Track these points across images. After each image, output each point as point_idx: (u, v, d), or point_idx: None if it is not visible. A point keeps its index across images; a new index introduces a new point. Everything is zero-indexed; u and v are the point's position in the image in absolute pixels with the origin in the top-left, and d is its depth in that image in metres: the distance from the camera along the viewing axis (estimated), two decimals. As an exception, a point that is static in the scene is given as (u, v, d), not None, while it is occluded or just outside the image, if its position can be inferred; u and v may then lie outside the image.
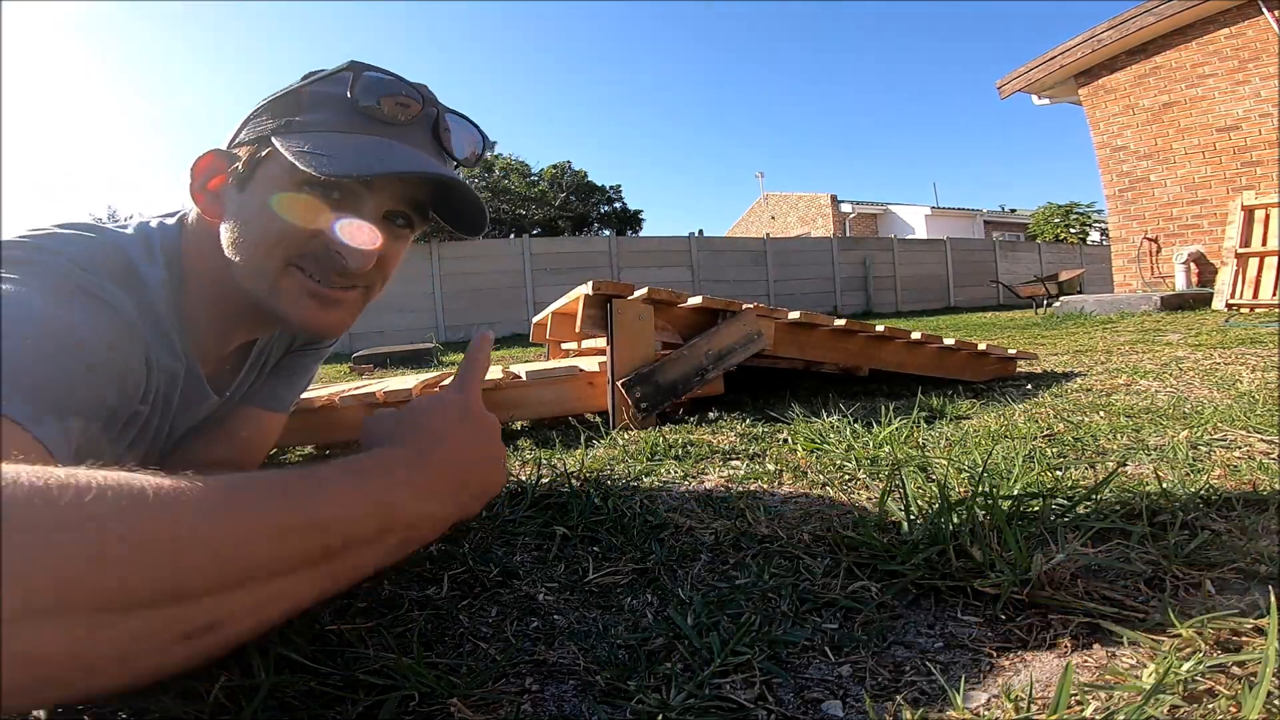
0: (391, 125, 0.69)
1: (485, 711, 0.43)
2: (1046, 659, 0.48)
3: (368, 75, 0.68)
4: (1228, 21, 6.16)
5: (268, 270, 0.69)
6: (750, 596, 0.58)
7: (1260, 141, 6.08)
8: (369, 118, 0.68)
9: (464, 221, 0.77)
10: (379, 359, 5.57)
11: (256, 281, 0.69)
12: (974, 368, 2.10)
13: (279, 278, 0.69)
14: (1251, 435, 1.08)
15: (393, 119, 0.69)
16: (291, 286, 0.69)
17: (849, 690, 0.45)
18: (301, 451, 1.64)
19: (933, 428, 1.32)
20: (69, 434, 0.50)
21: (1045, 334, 4.13)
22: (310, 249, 0.68)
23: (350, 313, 0.75)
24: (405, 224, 0.75)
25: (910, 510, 0.70)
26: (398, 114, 0.69)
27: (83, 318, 0.57)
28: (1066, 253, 17.39)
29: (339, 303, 0.72)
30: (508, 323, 11.01)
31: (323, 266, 0.69)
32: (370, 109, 0.68)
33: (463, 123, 0.76)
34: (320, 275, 0.69)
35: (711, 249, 13.33)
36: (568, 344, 2.38)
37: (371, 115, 0.68)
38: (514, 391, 1.63)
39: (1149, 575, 0.58)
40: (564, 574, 0.66)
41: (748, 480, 0.99)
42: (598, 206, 22.86)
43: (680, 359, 1.57)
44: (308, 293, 0.70)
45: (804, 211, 22.29)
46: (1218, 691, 0.40)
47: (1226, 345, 2.70)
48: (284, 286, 0.69)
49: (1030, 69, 7.77)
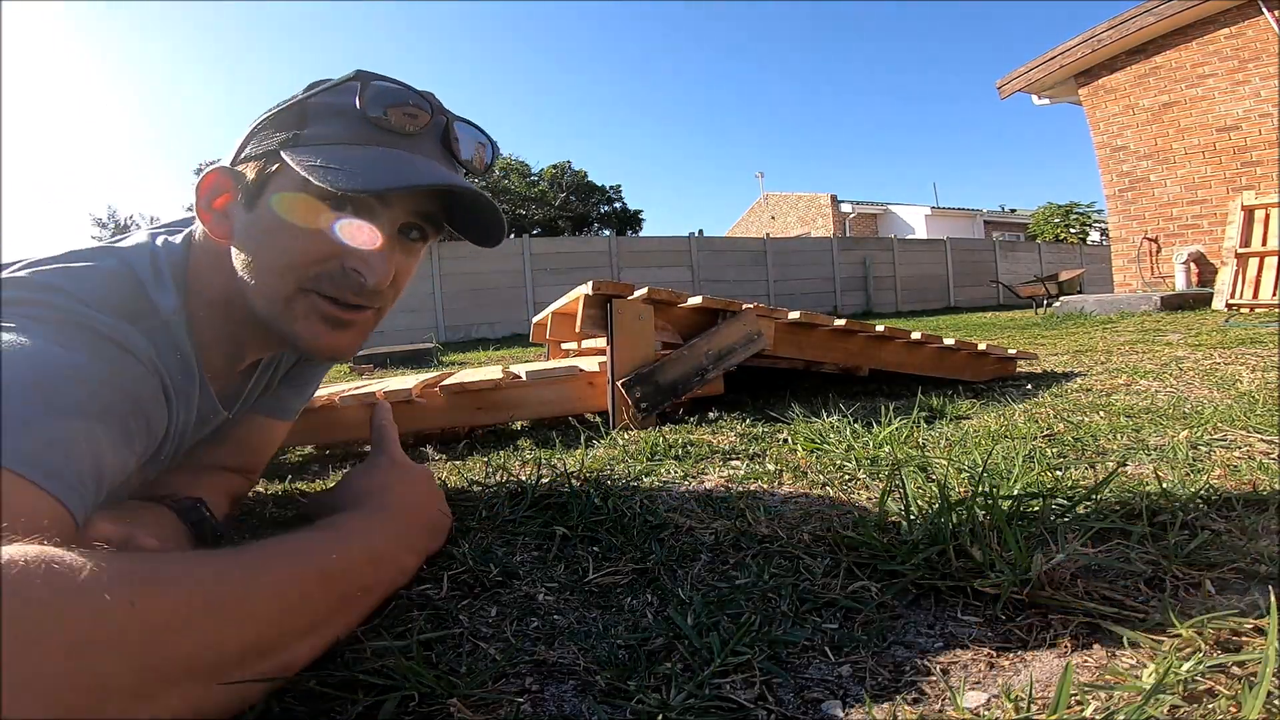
0: (402, 136, 0.67)
1: (485, 711, 0.43)
2: (1046, 659, 0.48)
3: (375, 85, 0.66)
4: (1228, 21, 6.16)
5: (281, 294, 0.67)
6: (750, 596, 0.58)
7: (1260, 141, 6.07)
8: (378, 129, 0.66)
9: (479, 231, 0.76)
10: (379, 359, 5.57)
11: (270, 305, 0.67)
12: (974, 368, 2.10)
13: (293, 301, 0.67)
14: (1251, 435, 1.08)
15: (402, 129, 0.67)
16: (305, 310, 0.68)
17: (849, 690, 0.45)
18: (302, 452, 1.64)
19: (933, 428, 1.32)
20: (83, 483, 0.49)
21: (1045, 334, 4.13)
22: (325, 269, 0.66)
23: (362, 333, 0.73)
24: (419, 237, 0.73)
25: (910, 510, 0.70)
26: (406, 124, 0.67)
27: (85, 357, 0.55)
28: (1066, 253, 17.39)
29: (351, 324, 0.71)
30: (508, 323, 11.02)
31: (339, 286, 0.67)
32: (379, 120, 0.66)
33: (471, 130, 0.75)
34: (336, 295, 0.67)
35: (711, 249, 13.32)
36: (568, 344, 2.38)
37: (381, 126, 0.66)
38: (514, 391, 1.63)
39: (1149, 575, 0.58)
40: (564, 574, 0.66)
41: (748, 480, 0.99)
42: (598, 206, 22.87)
43: (680, 359, 1.57)
44: (321, 316, 0.68)
45: (804, 211, 22.29)
46: (1218, 691, 0.40)
47: (1226, 345, 2.70)
48: (297, 311, 0.68)
49: (1030, 69, 7.77)
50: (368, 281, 0.66)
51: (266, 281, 0.67)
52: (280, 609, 0.45)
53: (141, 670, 0.35)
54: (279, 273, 0.66)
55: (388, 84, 0.67)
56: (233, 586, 0.43)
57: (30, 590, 0.33)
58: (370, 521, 0.62)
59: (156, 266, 0.68)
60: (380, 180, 0.63)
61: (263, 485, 1.20)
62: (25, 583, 0.33)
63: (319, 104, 0.67)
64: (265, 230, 0.66)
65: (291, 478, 1.27)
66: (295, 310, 0.67)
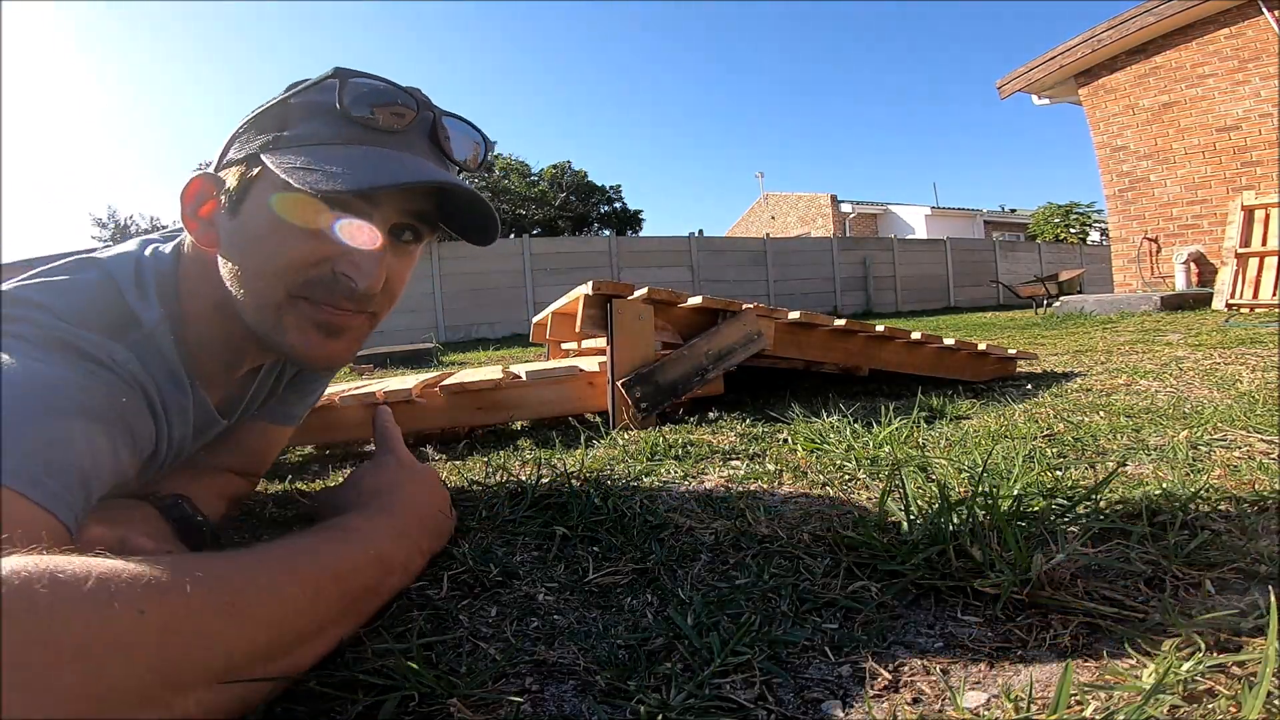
0: (387, 133, 0.65)
1: (485, 711, 0.43)
2: (1046, 659, 0.48)
3: (355, 82, 0.64)
4: (1228, 21, 6.16)
5: (270, 302, 0.64)
6: (750, 596, 0.58)
7: (1260, 141, 6.08)
8: (362, 127, 0.64)
9: (473, 229, 0.73)
10: (379, 359, 5.57)
11: (260, 314, 0.65)
12: (974, 368, 2.10)
13: (283, 311, 0.65)
14: (1251, 435, 1.08)
15: (387, 127, 0.65)
16: (296, 318, 0.65)
17: (849, 690, 0.45)
18: (302, 451, 1.64)
19: (933, 428, 1.32)
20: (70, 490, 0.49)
21: (1045, 334, 4.13)
22: (315, 275, 0.64)
23: (356, 339, 0.71)
24: (412, 238, 0.70)
25: (910, 510, 0.69)
26: (391, 121, 0.65)
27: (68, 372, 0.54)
28: (1066, 253, 17.39)
29: (344, 331, 0.68)
30: (508, 323, 11.02)
31: (330, 292, 0.65)
32: (363, 118, 0.64)
33: (461, 125, 0.72)
34: (328, 301, 0.65)
35: (711, 249, 13.32)
36: (568, 344, 2.38)
37: (364, 124, 0.64)
38: (514, 391, 1.63)
39: (1149, 575, 0.58)
40: (564, 574, 0.66)
41: (748, 480, 0.99)
42: (598, 206, 22.88)
43: (680, 359, 1.57)
44: (314, 324, 0.66)
45: (804, 211, 22.29)
46: (1218, 691, 0.40)
47: (1226, 345, 2.70)
48: (288, 320, 0.65)
49: (1030, 69, 7.77)
50: (359, 285, 0.64)
51: (255, 290, 0.64)
52: (289, 612, 0.45)
53: (150, 676, 0.35)
54: (266, 280, 0.64)
55: (369, 80, 0.65)
56: (241, 590, 0.42)
57: (35, 599, 0.33)
58: (376, 522, 0.62)
59: (141, 277, 0.67)
60: (363, 179, 0.60)
61: (262, 485, 1.20)
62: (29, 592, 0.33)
63: (299, 104, 0.64)
64: (250, 238, 0.64)
65: (291, 478, 1.27)
66: (286, 319, 0.65)
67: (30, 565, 0.34)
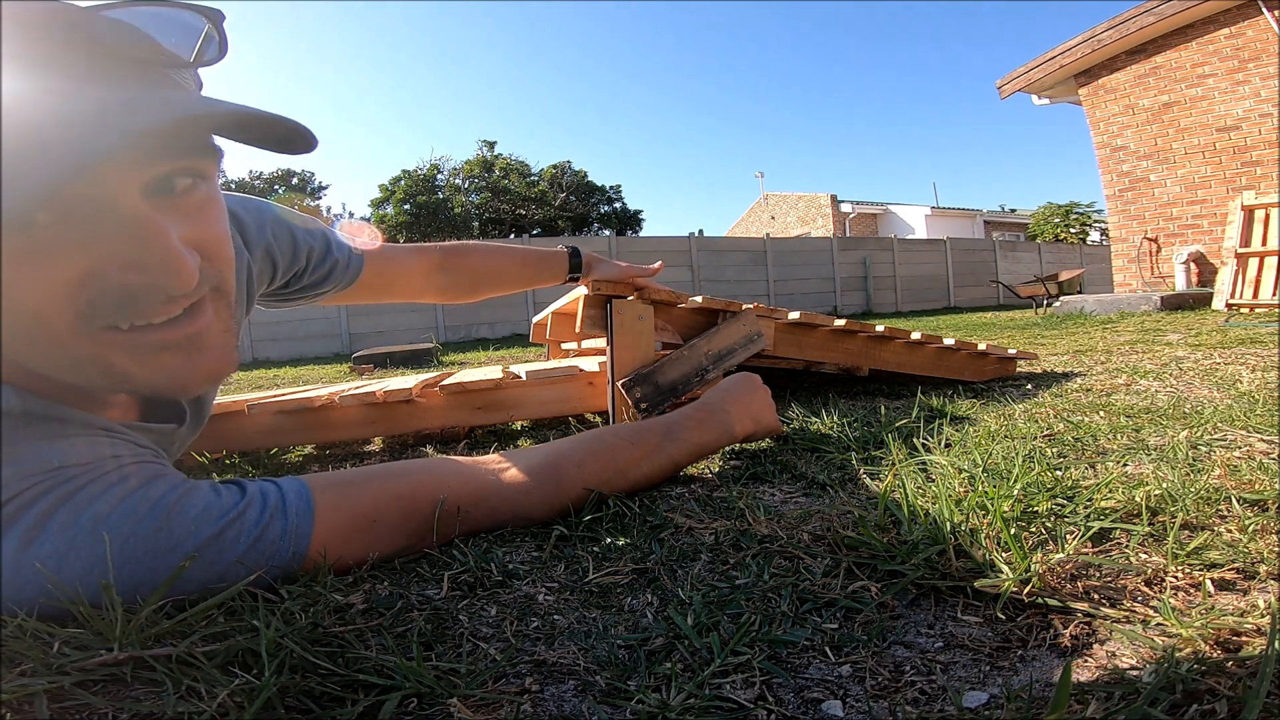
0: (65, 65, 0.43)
1: (485, 711, 0.43)
2: (1046, 659, 0.48)
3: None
4: (1228, 21, 6.16)
5: (69, 355, 0.49)
6: (750, 596, 0.58)
7: (1260, 141, 6.08)
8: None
9: (269, 137, 0.51)
10: (379, 359, 5.57)
11: (73, 375, 0.51)
12: (974, 368, 2.10)
13: (95, 357, 0.49)
14: (1251, 435, 1.08)
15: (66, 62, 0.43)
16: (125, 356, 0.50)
17: (849, 690, 0.45)
18: (302, 451, 1.64)
19: (932, 427, 1.32)
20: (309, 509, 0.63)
21: (1045, 334, 4.13)
22: (97, 297, 0.47)
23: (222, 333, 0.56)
24: (189, 181, 0.51)
25: (910, 510, 0.70)
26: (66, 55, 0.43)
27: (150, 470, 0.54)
28: (1066, 253, 17.40)
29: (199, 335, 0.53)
30: (508, 323, 11.02)
31: (139, 307, 0.49)
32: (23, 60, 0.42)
33: (162, 11, 0.50)
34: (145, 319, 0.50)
35: (711, 249, 13.33)
36: (568, 344, 2.38)
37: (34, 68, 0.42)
38: (514, 391, 1.63)
39: (1149, 575, 0.58)
40: (564, 574, 0.66)
41: (747, 480, 0.99)
42: (598, 206, 22.87)
43: (680, 359, 1.57)
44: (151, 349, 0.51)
45: (804, 211, 22.29)
46: (1218, 691, 0.40)
47: (1226, 345, 2.70)
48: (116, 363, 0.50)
49: (1030, 69, 7.77)
50: (173, 285, 0.49)
51: (36, 349, 0.48)
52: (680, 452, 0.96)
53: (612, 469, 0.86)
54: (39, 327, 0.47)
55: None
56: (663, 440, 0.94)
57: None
58: (726, 404, 1.06)
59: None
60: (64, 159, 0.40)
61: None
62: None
63: None
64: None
65: (291, 478, 1.27)
66: (112, 363, 0.50)
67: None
